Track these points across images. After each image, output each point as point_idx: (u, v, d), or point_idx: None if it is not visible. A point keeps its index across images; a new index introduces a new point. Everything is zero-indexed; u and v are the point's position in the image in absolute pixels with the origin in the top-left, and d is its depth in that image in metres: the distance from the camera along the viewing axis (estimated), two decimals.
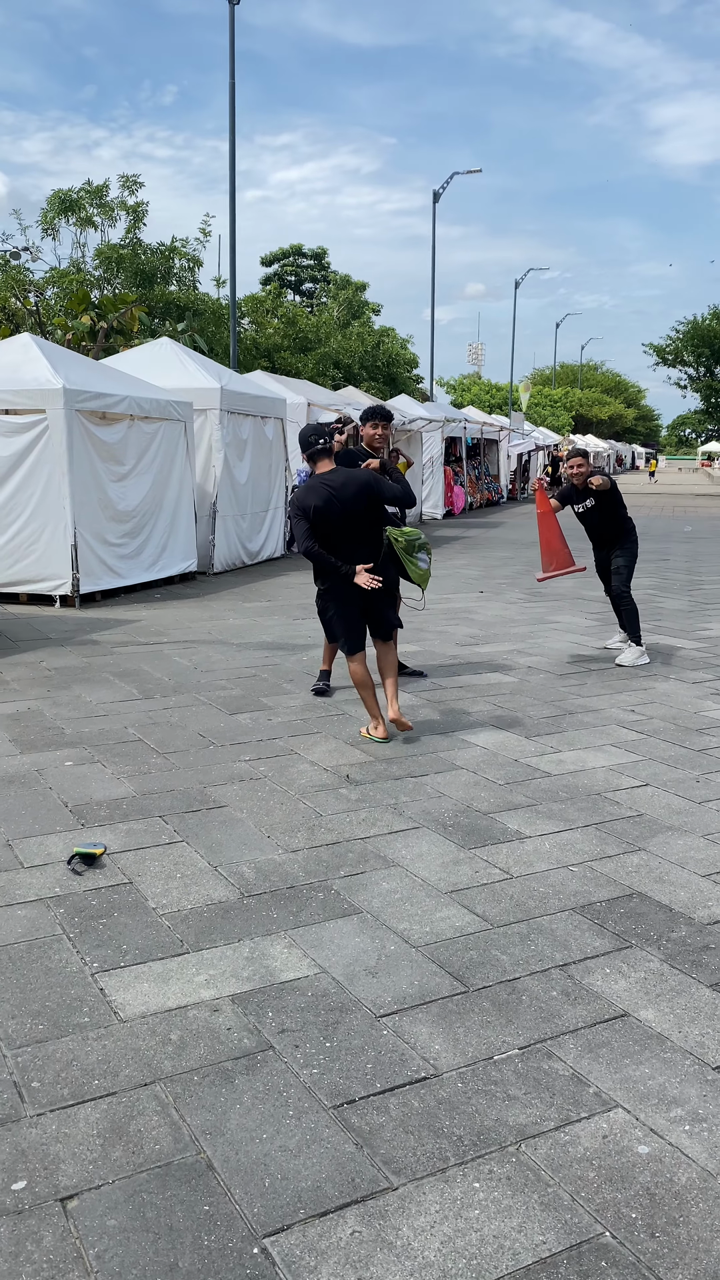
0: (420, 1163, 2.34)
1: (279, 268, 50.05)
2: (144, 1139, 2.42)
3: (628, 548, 7.97)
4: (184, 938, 3.40)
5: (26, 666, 7.51)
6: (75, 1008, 2.97)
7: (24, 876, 3.86)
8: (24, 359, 10.63)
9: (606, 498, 7.80)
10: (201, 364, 13.51)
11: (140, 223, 25.25)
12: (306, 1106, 2.54)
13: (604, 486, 7.66)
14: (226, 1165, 2.33)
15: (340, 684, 6.95)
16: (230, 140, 18.60)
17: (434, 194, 31.99)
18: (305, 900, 3.69)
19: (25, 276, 24.68)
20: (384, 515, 5.79)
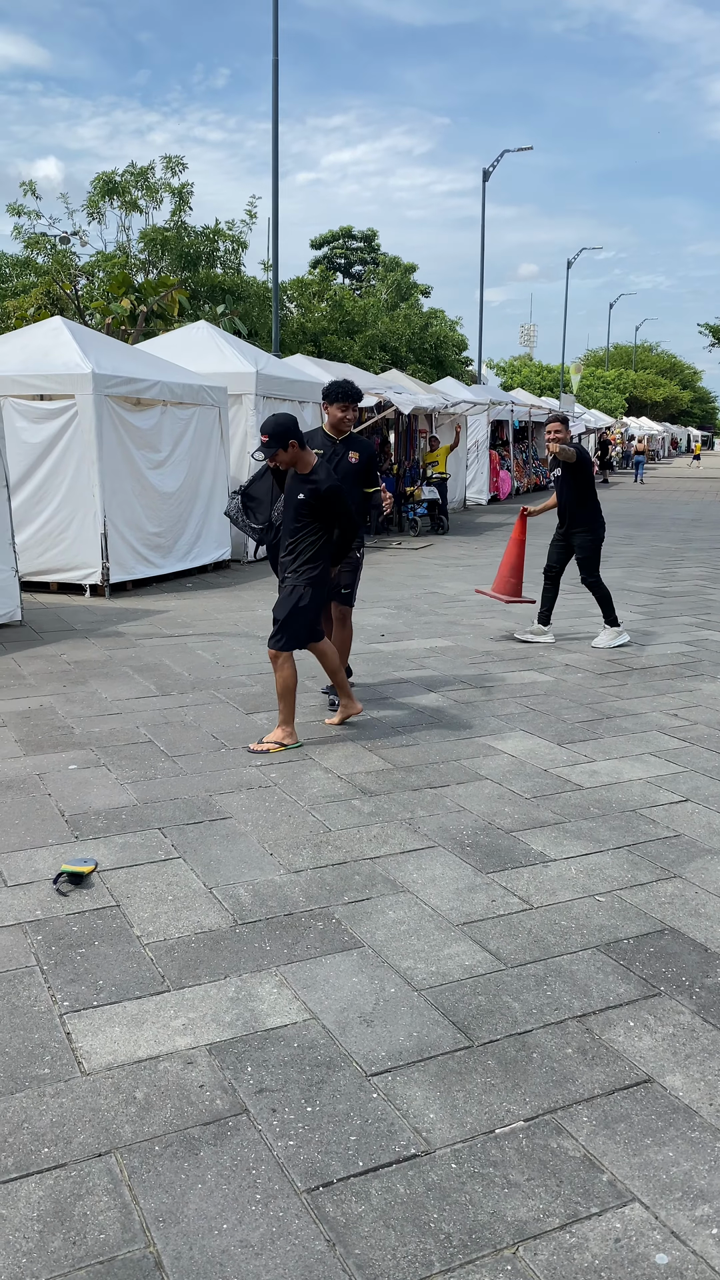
0: (399, 1268, 2.03)
1: (328, 250, 49.55)
2: (89, 1225, 2.13)
3: (589, 529, 7.75)
4: (166, 973, 3.11)
5: (46, 660, 7.29)
6: (37, 1055, 2.69)
7: (5, 897, 3.60)
8: (54, 343, 10.41)
9: (574, 471, 7.69)
10: (238, 348, 13.21)
11: (185, 205, 25.00)
12: (276, 1189, 2.23)
13: (568, 458, 7.57)
14: (177, 1265, 2.03)
15: (351, 681, 6.62)
16: (273, 121, 18.23)
17: (484, 172, 31.32)
18: (303, 930, 3.38)
19: (71, 261, 24.58)
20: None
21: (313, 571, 5.21)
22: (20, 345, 10.48)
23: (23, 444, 9.84)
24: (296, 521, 5.18)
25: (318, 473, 5.11)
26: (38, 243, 24.59)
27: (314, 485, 5.07)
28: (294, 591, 5.21)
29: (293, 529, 5.21)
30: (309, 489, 5.09)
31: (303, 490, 5.11)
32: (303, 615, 5.20)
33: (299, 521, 5.18)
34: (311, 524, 5.16)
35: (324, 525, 5.20)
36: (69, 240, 24.70)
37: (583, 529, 7.76)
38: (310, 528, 5.18)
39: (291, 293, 31.28)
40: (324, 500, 5.09)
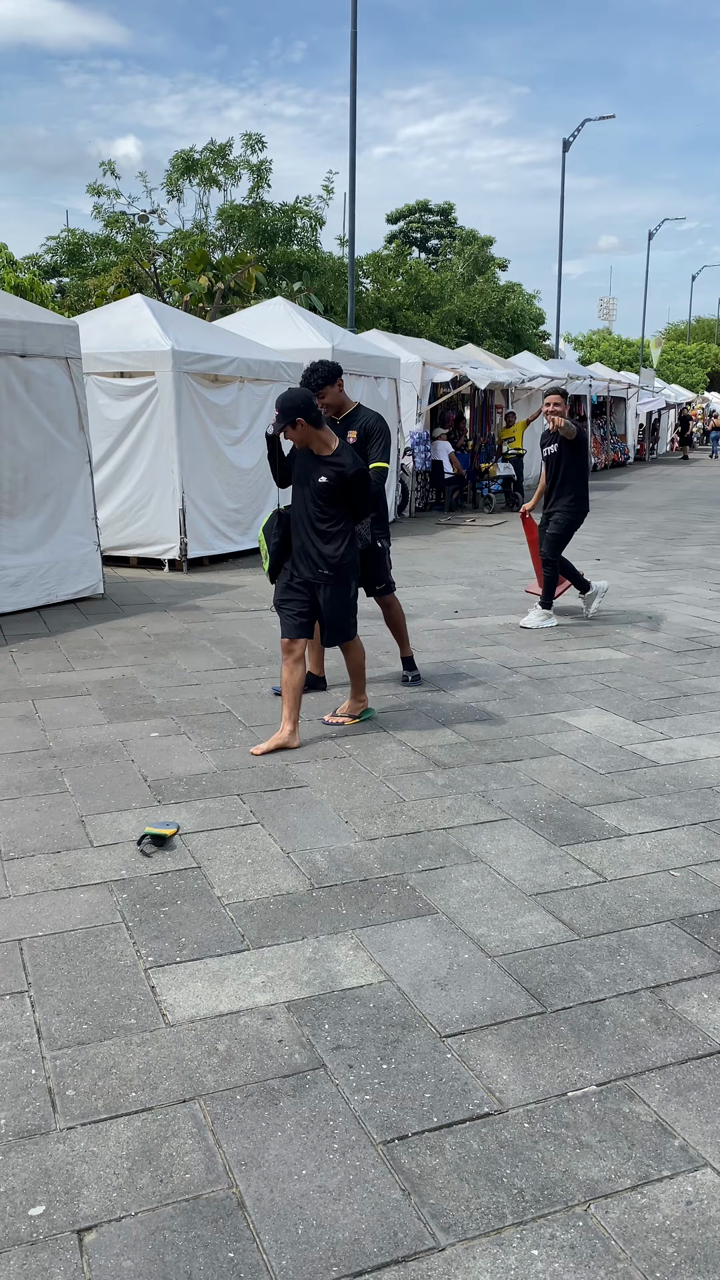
0: (473, 1219, 2.08)
1: (404, 225, 49.16)
2: (175, 1165, 2.23)
3: (571, 509, 7.59)
4: (246, 932, 3.21)
5: (127, 632, 7.47)
6: (123, 1007, 2.81)
7: (92, 856, 3.74)
8: (135, 320, 10.57)
9: (570, 448, 7.52)
10: (314, 323, 13.24)
11: (264, 182, 25.04)
12: (353, 1140, 2.30)
13: (569, 434, 7.43)
14: (259, 1205, 2.12)
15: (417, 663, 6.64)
16: (351, 94, 18.14)
17: (564, 142, 30.74)
18: (378, 896, 3.45)
19: (150, 239, 24.83)
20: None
21: (351, 557, 4.96)
22: (102, 323, 10.67)
23: (105, 421, 10.03)
24: (317, 507, 4.86)
25: (342, 455, 4.81)
26: (117, 221, 24.89)
27: (339, 468, 4.78)
28: (344, 586, 4.96)
29: (313, 515, 4.87)
30: (333, 471, 4.78)
31: (325, 473, 4.80)
32: (353, 605, 5.05)
33: (320, 508, 4.86)
34: (334, 510, 4.87)
35: (350, 510, 4.92)
36: (147, 219, 24.95)
37: (564, 508, 7.58)
38: (337, 512, 4.88)
39: (367, 268, 31.17)
40: (349, 484, 4.80)
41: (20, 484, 7.87)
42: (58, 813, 4.12)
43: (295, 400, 4.72)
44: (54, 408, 8.11)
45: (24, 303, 8.26)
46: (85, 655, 6.73)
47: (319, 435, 4.81)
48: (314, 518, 4.89)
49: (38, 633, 7.36)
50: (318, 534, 4.89)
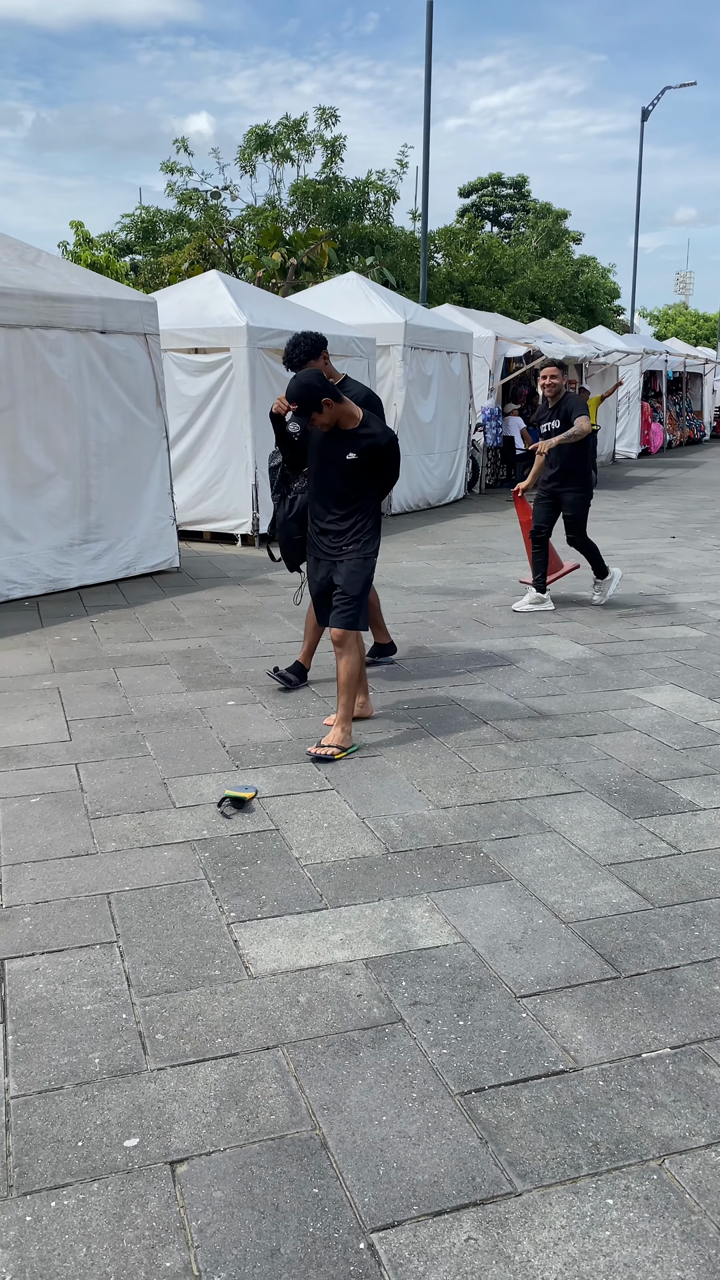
0: (549, 1168, 2.15)
1: (477, 199, 48.59)
2: (260, 1107, 2.33)
3: (581, 487, 7.34)
4: (324, 892, 3.30)
5: (202, 604, 7.61)
6: (208, 959, 2.92)
7: (174, 817, 3.86)
8: (210, 297, 10.68)
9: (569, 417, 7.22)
10: (387, 298, 13.22)
11: (337, 157, 24.96)
12: (432, 1090, 2.38)
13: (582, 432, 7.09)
14: (341, 1146, 2.21)
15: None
16: (427, 65, 17.95)
17: (643, 111, 30.06)
18: (452, 862, 3.51)
19: (223, 216, 24.94)
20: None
21: (375, 540, 4.67)
22: (178, 299, 10.80)
23: (181, 397, 10.17)
24: (345, 485, 4.56)
25: (370, 425, 4.51)
26: (190, 198, 25.04)
27: (370, 439, 4.48)
28: (366, 562, 4.63)
29: (340, 494, 4.58)
30: (364, 444, 4.48)
31: (352, 449, 4.49)
32: (369, 582, 4.71)
33: (348, 485, 4.56)
34: (365, 485, 4.59)
35: (377, 486, 4.64)
36: (220, 195, 25.05)
37: (575, 487, 7.33)
38: (364, 488, 4.60)
39: (439, 242, 30.91)
40: (384, 454, 4.51)
41: (104, 459, 8.05)
42: (141, 775, 4.26)
43: (310, 384, 4.36)
44: (133, 384, 8.25)
45: (104, 279, 8.40)
46: (163, 626, 6.89)
47: (346, 410, 4.50)
48: (339, 496, 4.60)
49: (117, 604, 7.54)
50: (341, 513, 4.62)
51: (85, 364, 7.80)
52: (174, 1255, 1.93)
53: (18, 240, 8.03)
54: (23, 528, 7.46)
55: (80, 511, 7.89)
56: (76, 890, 3.30)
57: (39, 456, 7.52)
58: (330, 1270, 1.90)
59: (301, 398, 4.36)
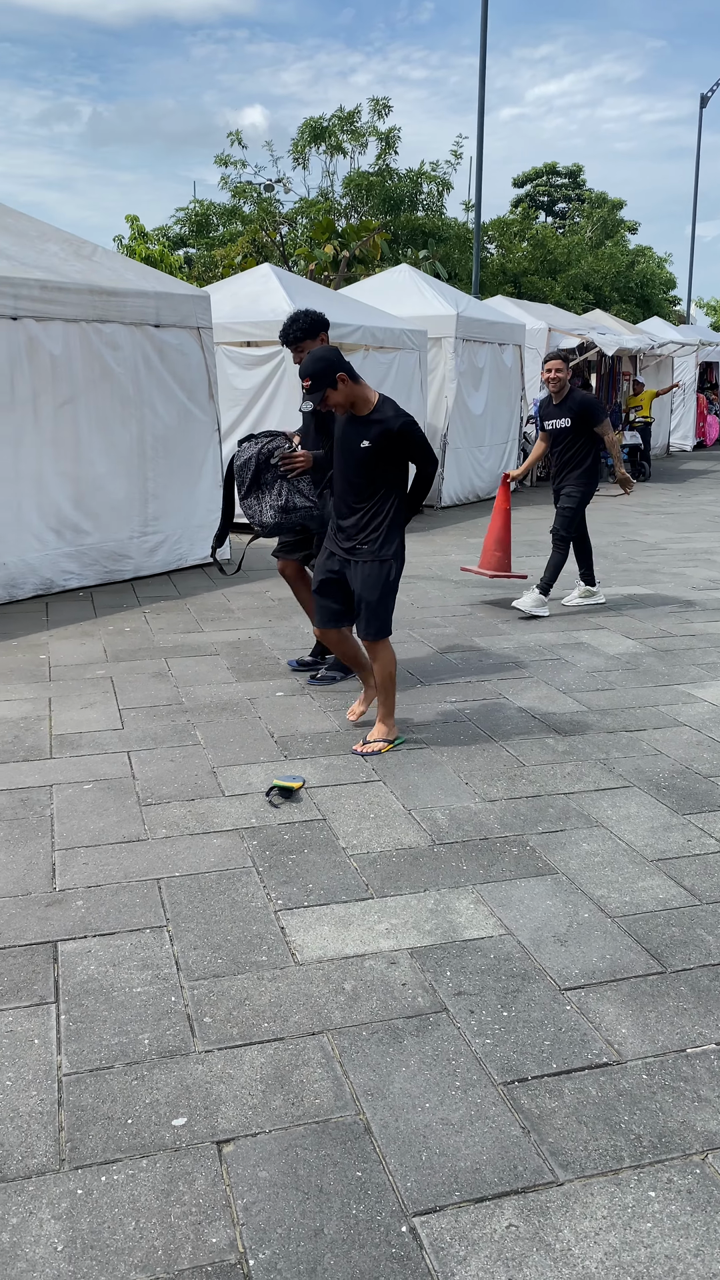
0: (591, 1159, 2.16)
1: (531, 189, 48.17)
2: (305, 1091, 2.36)
3: (583, 483, 7.06)
4: (370, 882, 3.33)
5: (252, 596, 7.67)
6: (255, 945, 2.96)
7: (223, 805, 3.92)
8: (263, 290, 10.74)
9: (584, 423, 6.95)
10: (439, 290, 13.18)
11: (391, 149, 24.89)
12: (475, 1079, 2.40)
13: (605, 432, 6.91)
14: (385, 1131, 2.24)
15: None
16: (481, 57, 17.84)
17: (701, 98, 29.60)
18: (498, 854, 3.52)
19: (276, 209, 25.02)
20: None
21: (397, 538, 4.39)
22: (231, 293, 10.87)
23: (233, 390, 10.24)
24: (361, 477, 4.28)
25: (383, 409, 4.20)
26: (244, 191, 25.14)
27: (382, 425, 4.18)
28: (383, 566, 4.36)
29: (357, 487, 4.31)
30: (377, 430, 4.18)
31: (366, 436, 4.20)
32: (393, 594, 4.43)
33: (364, 477, 4.27)
34: (383, 478, 4.29)
35: (398, 476, 4.33)
36: (273, 188, 25.13)
37: (578, 481, 7.05)
38: (382, 483, 4.29)
39: (492, 233, 30.71)
40: (400, 440, 4.19)
41: (160, 452, 8.15)
42: (191, 763, 4.32)
43: (327, 358, 4.12)
44: (186, 377, 8.34)
45: (159, 273, 8.49)
46: (213, 617, 6.96)
47: (361, 393, 4.21)
48: (356, 489, 4.32)
49: (168, 595, 7.64)
50: (359, 509, 4.35)
51: (140, 357, 7.89)
52: (220, 1232, 1.98)
53: (73, 235, 8.15)
54: (84, 520, 7.59)
55: (139, 504, 8.00)
56: (128, 875, 3.37)
57: (99, 449, 7.64)
58: (372, 1252, 1.93)
59: (315, 371, 4.10)
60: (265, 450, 4.79)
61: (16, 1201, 2.05)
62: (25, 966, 2.85)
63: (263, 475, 4.81)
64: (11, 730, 4.71)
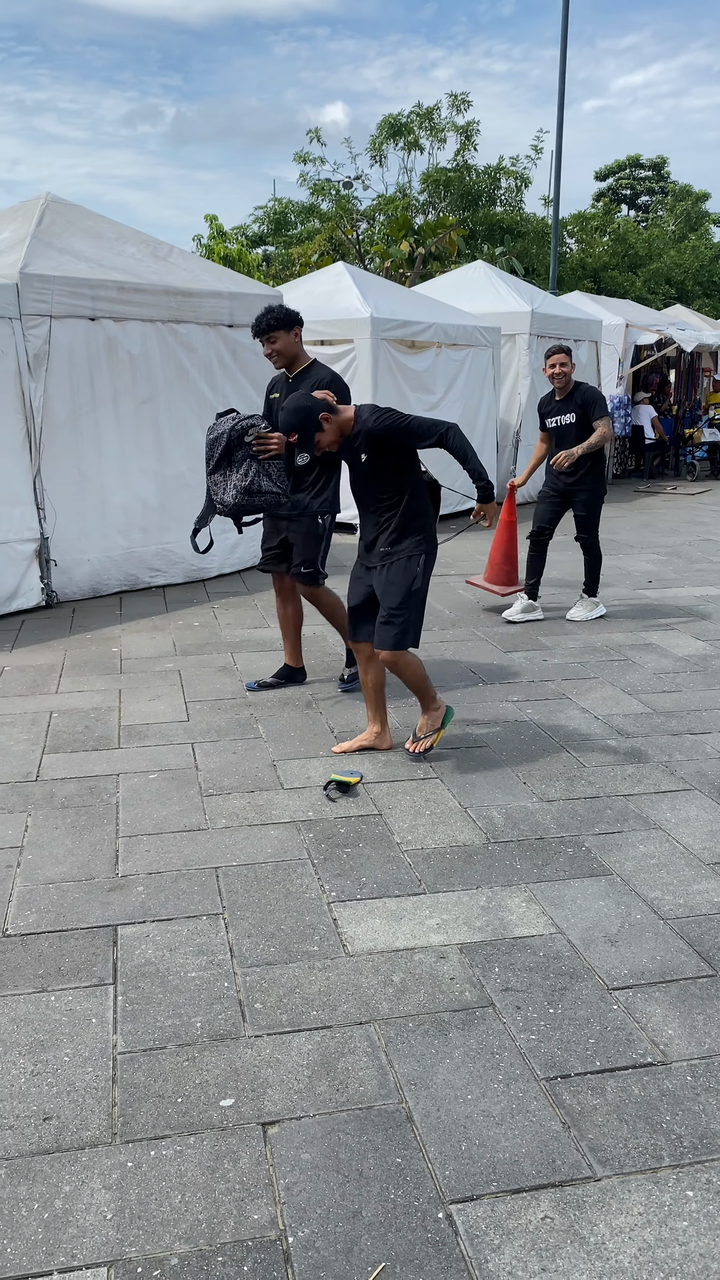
0: (630, 1156, 2.17)
1: (613, 182, 47.48)
2: (350, 1078, 2.42)
3: (591, 484, 6.69)
4: (423, 877, 3.37)
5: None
6: (308, 935, 3.03)
7: (282, 797, 3.99)
8: (336, 288, 10.81)
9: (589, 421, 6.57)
10: (514, 286, 13.11)
11: (470, 144, 24.79)
12: (518, 1074, 2.43)
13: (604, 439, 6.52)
14: (426, 1120, 2.28)
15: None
16: (562, 49, 17.66)
17: None
18: (553, 854, 3.53)
19: (353, 206, 25.11)
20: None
21: (415, 533, 4.15)
22: (305, 291, 10.97)
23: None
24: (375, 489, 4.13)
25: (361, 419, 4.02)
26: (322, 189, 25.29)
27: (363, 433, 4.01)
28: (404, 565, 4.12)
29: (367, 501, 4.18)
30: (363, 440, 4.02)
31: (361, 450, 4.06)
32: (420, 598, 4.15)
33: (378, 487, 4.12)
34: (387, 483, 4.11)
35: (408, 475, 4.12)
36: (351, 185, 25.22)
37: (588, 486, 6.70)
38: (386, 488, 4.11)
39: (571, 227, 30.38)
40: (386, 437, 3.97)
41: None
42: (252, 756, 4.41)
43: (301, 405, 3.97)
44: (258, 377, 8.44)
45: (233, 274, 8.62)
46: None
47: (344, 419, 4.05)
48: (376, 501, 4.17)
49: (237, 592, 7.76)
50: (381, 520, 4.18)
51: (215, 357, 8.03)
52: (262, 1209, 2.04)
53: (150, 236, 8.32)
54: (168, 518, 7.75)
55: None
56: (187, 863, 3.46)
57: (181, 448, 7.79)
58: (409, 1235, 1.98)
59: (297, 423, 3.94)
60: (240, 427, 4.59)
61: (70, 1171, 2.14)
62: (86, 949, 2.96)
63: (234, 452, 4.64)
64: (83, 720, 4.86)
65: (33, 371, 6.78)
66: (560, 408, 6.70)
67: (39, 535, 6.94)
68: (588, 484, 6.72)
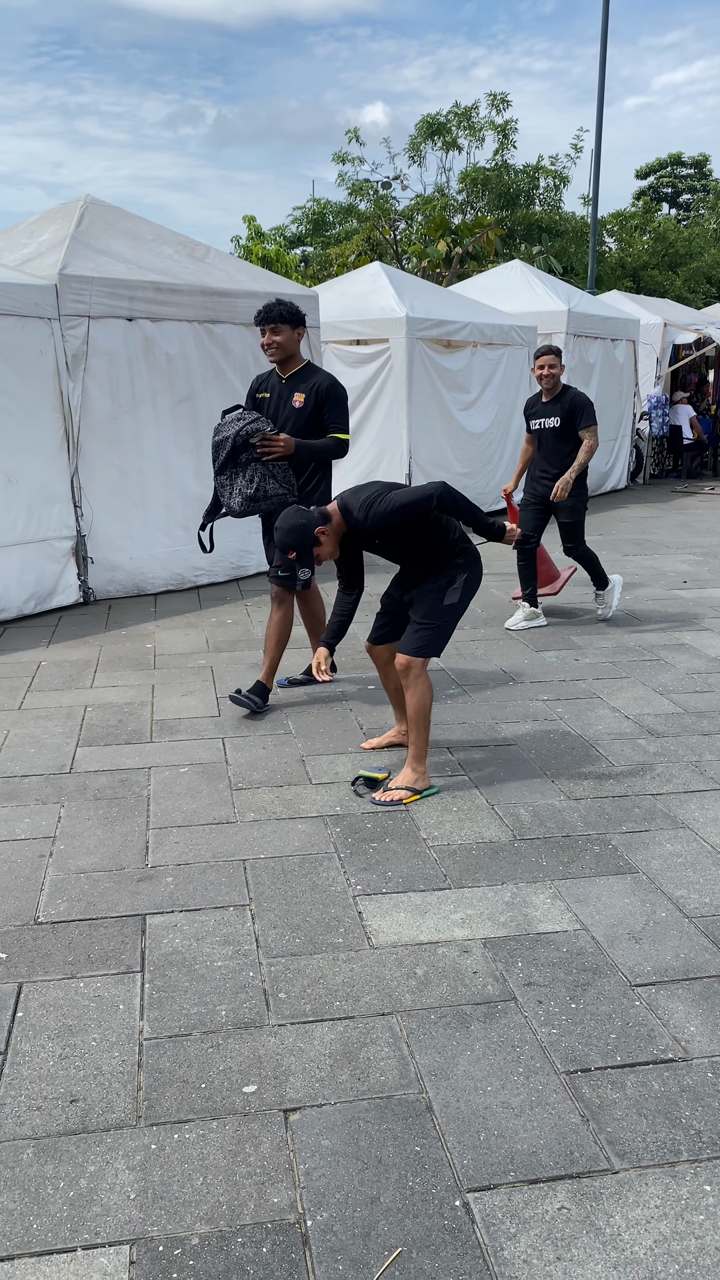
0: (648, 1150, 2.18)
1: (654, 180, 47.09)
2: (371, 1068, 2.45)
3: (578, 491, 6.49)
4: (448, 872, 3.39)
5: None
6: (332, 927, 3.06)
7: (310, 792, 4.03)
8: (372, 289, 10.84)
9: (572, 426, 6.40)
10: (550, 286, 13.07)
11: (509, 143, 24.71)
12: (538, 1066, 2.44)
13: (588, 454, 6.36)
14: (445, 1110, 2.30)
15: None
16: (602, 46, 17.57)
17: None
18: (579, 851, 3.54)
19: (391, 206, 25.13)
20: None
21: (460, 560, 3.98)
22: (341, 291, 11.01)
23: None
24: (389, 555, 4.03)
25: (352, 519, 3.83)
26: (361, 189, 25.34)
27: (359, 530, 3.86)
28: (450, 581, 3.95)
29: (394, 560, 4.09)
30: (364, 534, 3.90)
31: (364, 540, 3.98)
32: (453, 614, 3.97)
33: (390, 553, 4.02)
34: (406, 545, 3.96)
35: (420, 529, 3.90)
36: (390, 185, 25.24)
37: (571, 495, 6.50)
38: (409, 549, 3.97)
39: (611, 226, 30.18)
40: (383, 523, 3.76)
41: None
42: (282, 751, 4.45)
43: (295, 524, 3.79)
44: None
45: (269, 274, 8.68)
46: None
47: (337, 524, 3.88)
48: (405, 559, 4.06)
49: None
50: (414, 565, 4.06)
51: (251, 357, 8.08)
52: (282, 1193, 2.08)
53: (187, 237, 8.40)
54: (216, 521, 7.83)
55: None
56: (216, 855, 3.51)
57: None
58: (425, 1222, 2.00)
59: (294, 542, 3.77)
60: (244, 432, 4.59)
61: (95, 1151, 2.19)
62: (115, 937, 3.01)
63: (239, 455, 4.63)
64: (116, 715, 4.93)
65: (71, 371, 6.87)
66: (545, 410, 6.53)
67: (76, 533, 7.04)
68: (571, 493, 6.52)
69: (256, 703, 4.90)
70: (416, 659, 3.94)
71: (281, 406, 4.92)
